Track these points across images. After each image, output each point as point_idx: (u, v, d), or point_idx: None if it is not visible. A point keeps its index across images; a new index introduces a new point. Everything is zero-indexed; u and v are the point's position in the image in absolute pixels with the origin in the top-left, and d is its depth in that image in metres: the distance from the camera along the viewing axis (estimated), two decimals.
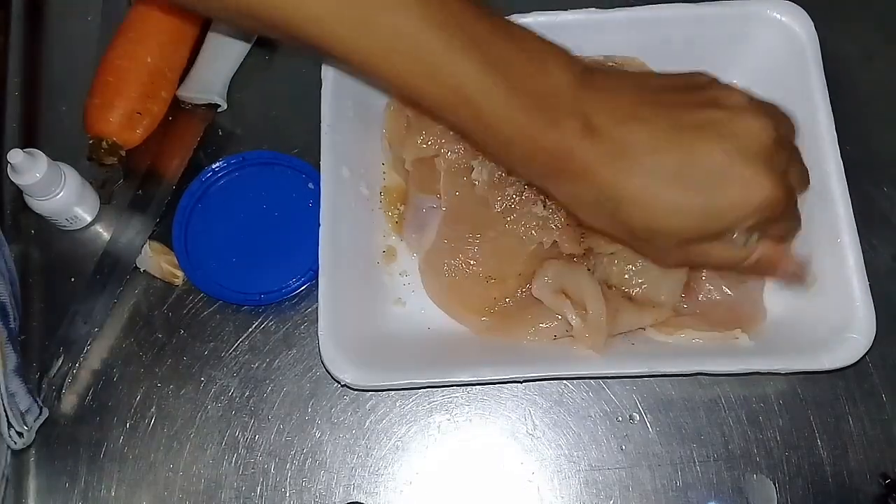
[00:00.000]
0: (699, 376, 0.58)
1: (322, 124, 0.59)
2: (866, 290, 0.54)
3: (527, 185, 0.56)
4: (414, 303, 0.59)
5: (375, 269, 0.60)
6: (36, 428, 0.57)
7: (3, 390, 0.55)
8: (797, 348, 0.54)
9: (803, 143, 0.56)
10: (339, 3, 0.44)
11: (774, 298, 0.58)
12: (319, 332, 0.54)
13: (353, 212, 0.59)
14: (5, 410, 0.55)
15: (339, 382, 0.56)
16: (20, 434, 0.56)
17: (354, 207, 0.59)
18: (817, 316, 0.55)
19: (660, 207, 0.48)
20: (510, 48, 0.47)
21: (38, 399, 0.57)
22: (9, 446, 0.56)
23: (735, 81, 0.62)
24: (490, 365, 0.55)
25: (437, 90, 0.46)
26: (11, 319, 0.58)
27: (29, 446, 0.58)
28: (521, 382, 0.58)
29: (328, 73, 0.60)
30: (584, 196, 0.49)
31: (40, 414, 0.57)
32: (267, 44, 0.67)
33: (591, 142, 0.47)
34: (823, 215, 0.56)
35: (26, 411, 0.56)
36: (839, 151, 0.56)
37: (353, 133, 0.60)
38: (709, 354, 0.55)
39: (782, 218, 0.50)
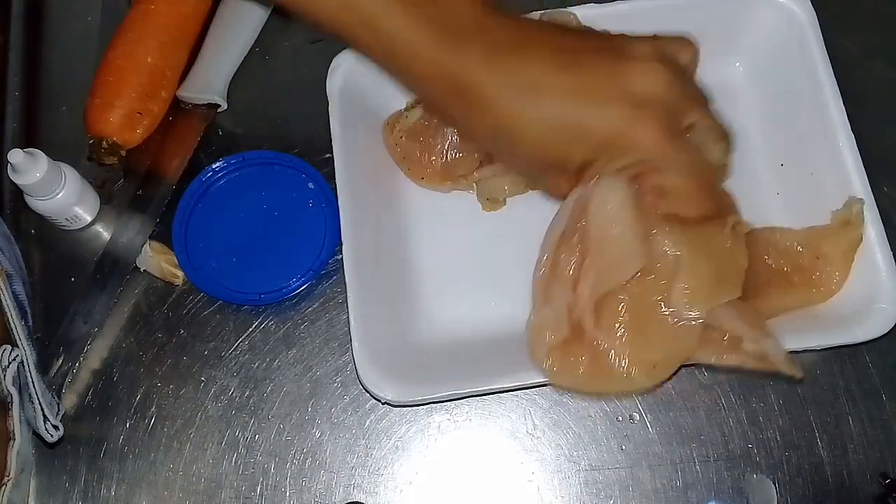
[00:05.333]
0: (699, 376, 0.58)
1: (333, 141, 0.58)
2: (891, 260, 0.54)
3: None
4: (443, 312, 0.59)
5: (400, 279, 0.59)
6: (59, 421, 0.57)
7: (36, 386, 0.54)
8: (829, 324, 0.54)
9: (809, 120, 0.57)
10: None
11: None
12: (354, 353, 0.54)
13: (374, 225, 0.58)
14: (41, 404, 0.54)
15: (379, 401, 0.56)
16: (56, 427, 0.55)
17: (374, 222, 0.59)
18: (845, 290, 0.55)
19: (536, 120, 0.47)
20: None
21: (54, 394, 0.57)
22: (46, 440, 0.55)
23: (738, 65, 0.63)
24: (530, 368, 0.53)
25: (342, 13, 0.47)
26: (30, 317, 0.58)
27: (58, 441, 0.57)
28: None
29: (334, 89, 0.60)
30: (480, 125, 0.49)
31: (59, 409, 0.57)
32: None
33: (491, 70, 0.47)
34: (841, 192, 0.56)
35: (49, 405, 0.56)
36: (848, 122, 0.57)
37: (362, 141, 0.60)
38: None
39: (667, 171, 0.49)
